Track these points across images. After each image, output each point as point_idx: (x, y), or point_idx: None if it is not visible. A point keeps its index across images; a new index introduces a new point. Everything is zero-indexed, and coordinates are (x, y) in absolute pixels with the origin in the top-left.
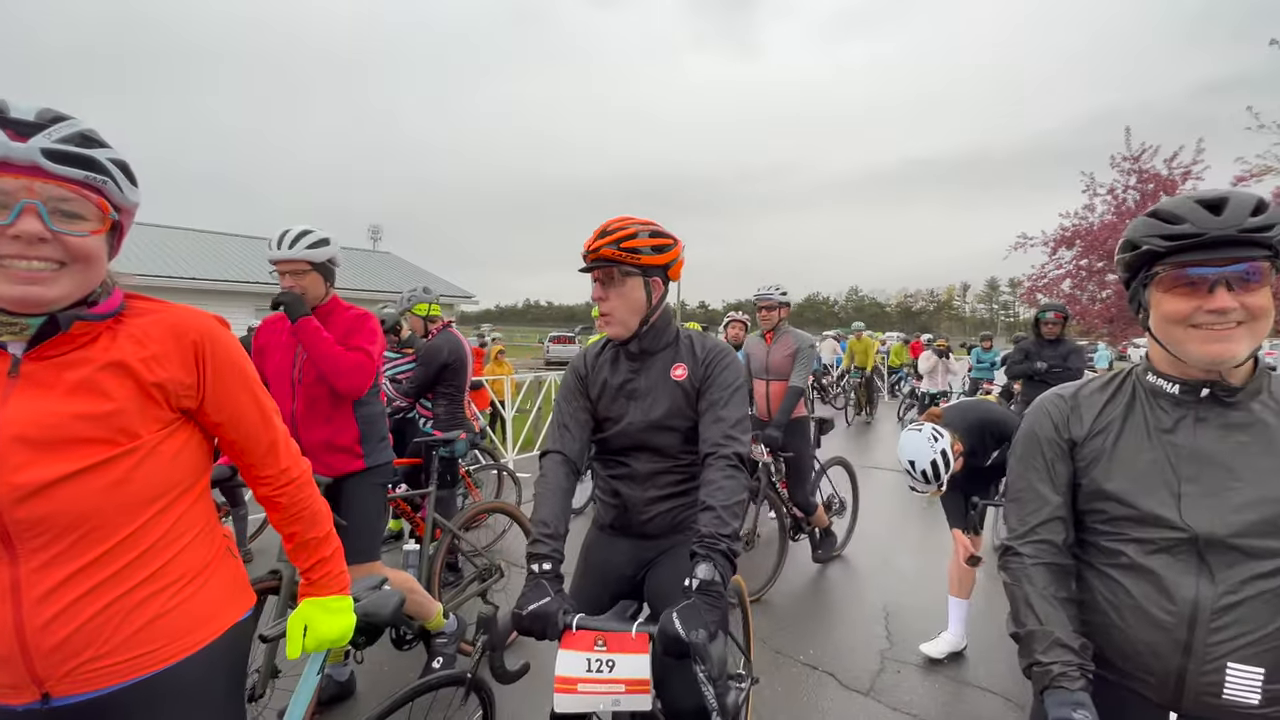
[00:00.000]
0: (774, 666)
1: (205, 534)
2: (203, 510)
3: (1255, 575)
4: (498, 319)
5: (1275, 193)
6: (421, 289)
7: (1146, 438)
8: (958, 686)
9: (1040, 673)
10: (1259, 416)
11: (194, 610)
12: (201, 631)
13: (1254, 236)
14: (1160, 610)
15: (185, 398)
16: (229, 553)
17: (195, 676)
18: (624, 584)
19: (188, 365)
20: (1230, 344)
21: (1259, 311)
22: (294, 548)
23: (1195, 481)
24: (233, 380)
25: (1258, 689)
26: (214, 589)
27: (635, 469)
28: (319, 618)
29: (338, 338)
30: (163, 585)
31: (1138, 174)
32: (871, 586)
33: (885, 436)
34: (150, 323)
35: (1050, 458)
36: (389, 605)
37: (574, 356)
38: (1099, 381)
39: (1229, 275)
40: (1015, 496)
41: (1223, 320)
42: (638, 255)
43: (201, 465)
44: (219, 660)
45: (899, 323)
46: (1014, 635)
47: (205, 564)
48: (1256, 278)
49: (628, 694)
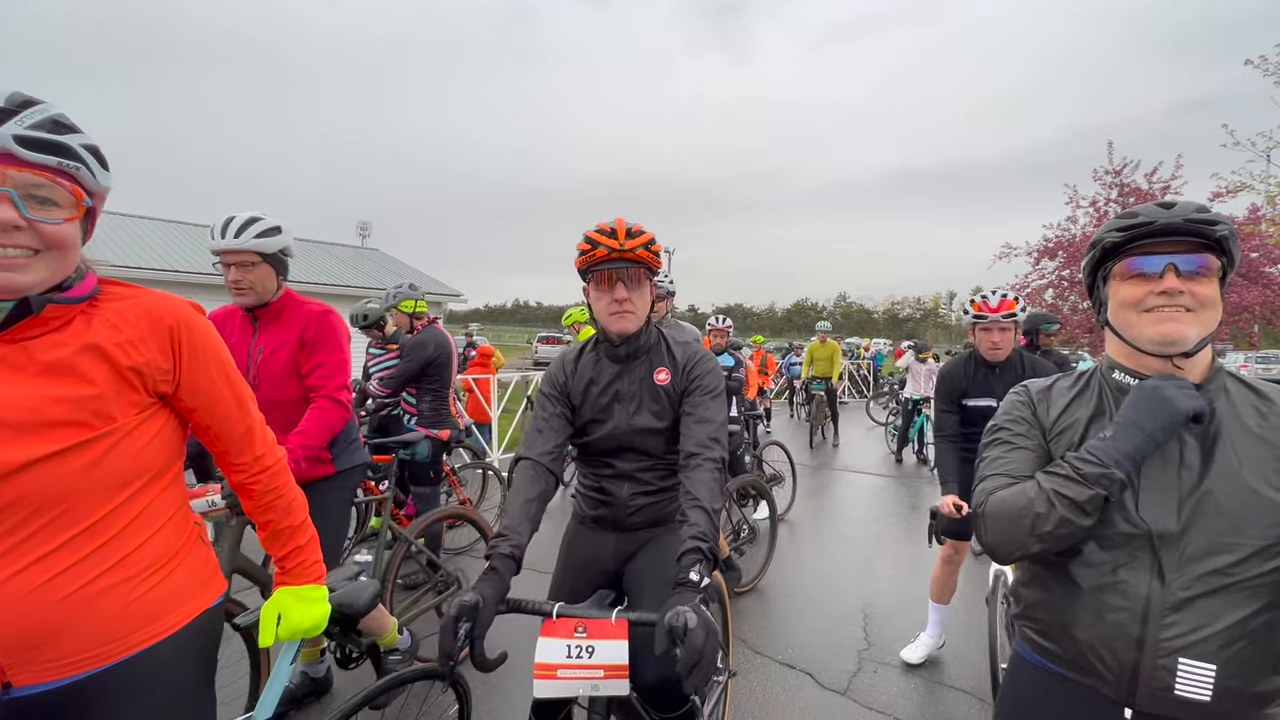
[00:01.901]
0: (753, 666)
1: (176, 520)
2: (174, 496)
3: (1207, 572)
4: (486, 318)
5: (1251, 209)
6: (407, 286)
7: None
8: (933, 687)
9: (1104, 458)
10: (1216, 416)
11: (162, 597)
12: (170, 618)
13: (1198, 227)
14: (1115, 607)
15: (162, 382)
16: (200, 540)
17: (162, 663)
18: (605, 576)
19: (164, 350)
20: (1179, 325)
21: (1206, 301)
22: (268, 536)
23: (1151, 478)
24: (208, 366)
25: (1209, 685)
26: (183, 576)
27: (620, 468)
28: (293, 606)
29: (294, 336)
30: (132, 572)
31: (1119, 187)
32: (850, 589)
33: (869, 441)
34: (127, 308)
35: (1028, 423)
36: (364, 596)
37: (553, 361)
38: (1068, 380)
39: (1177, 261)
40: (991, 439)
41: (1172, 302)
42: (657, 259)
43: (174, 451)
44: (187, 646)
45: (886, 329)
46: (1069, 514)
47: (175, 551)
48: (1204, 269)
49: (606, 679)
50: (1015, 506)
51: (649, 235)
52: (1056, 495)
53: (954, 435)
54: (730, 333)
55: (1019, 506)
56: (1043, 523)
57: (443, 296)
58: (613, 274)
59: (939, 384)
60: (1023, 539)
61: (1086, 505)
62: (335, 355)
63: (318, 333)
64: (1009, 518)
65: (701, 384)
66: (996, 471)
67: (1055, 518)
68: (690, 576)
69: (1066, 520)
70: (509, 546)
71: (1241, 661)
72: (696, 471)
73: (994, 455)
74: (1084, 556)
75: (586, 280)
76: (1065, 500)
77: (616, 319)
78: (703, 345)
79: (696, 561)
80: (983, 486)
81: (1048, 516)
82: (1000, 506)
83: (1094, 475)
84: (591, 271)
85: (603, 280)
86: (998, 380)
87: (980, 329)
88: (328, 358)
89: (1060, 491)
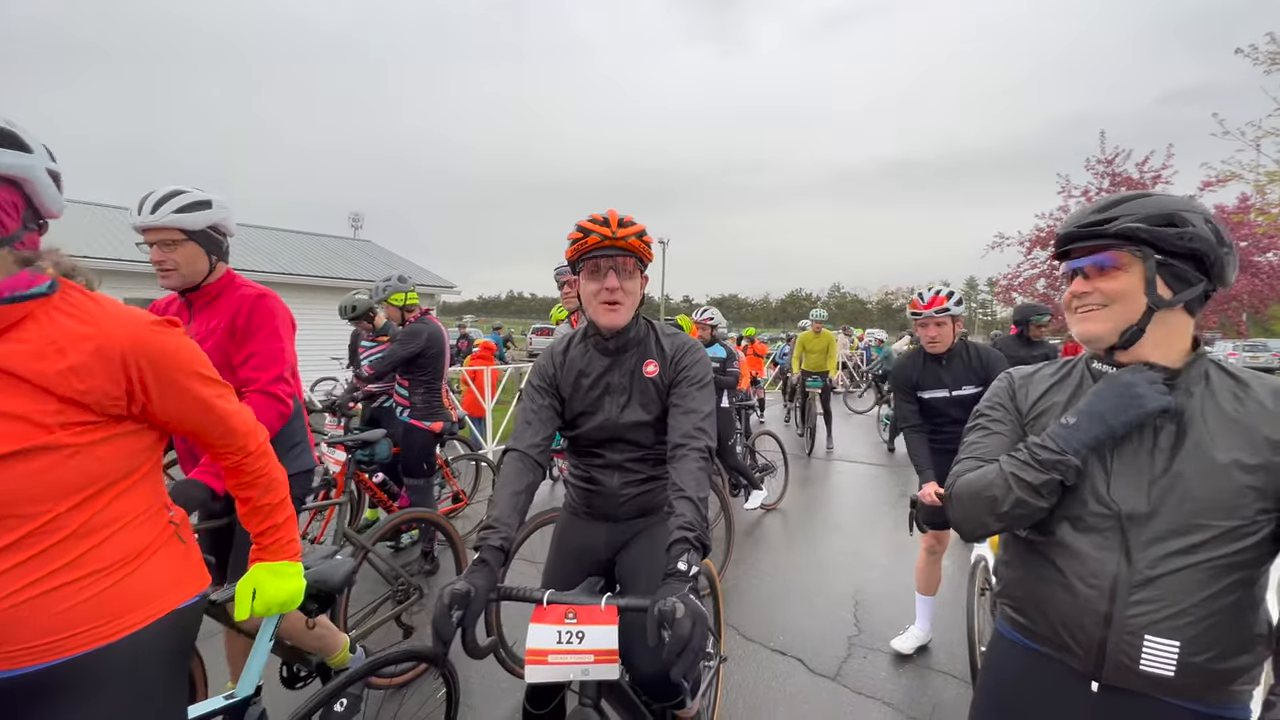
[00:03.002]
0: (745, 653)
1: (144, 520)
2: (143, 496)
3: (1173, 552)
4: (480, 310)
5: (1240, 198)
6: (396, 278)
7: None
8: (921, 672)
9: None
10: (1190, 402)
11: (122, 596)
12: (131, 616)
13: (1092, 229)
14: (1084, 584)
15: (113, 407)
16: (175, 538)
17: (121, 660)
18: (596, 566)
19: (115, 380)
20: (1089, 324)
21: (1115, 294)
22: (247, 512)
23: (1124, 460)
24: (171, 386)
25: (1173, 661)
26: (151, 574)
27: (610, 459)
28: (268, 581)
29: (225, 323)
30: (84, 572)
31: (1111, 177)
32: (842, 576)
33: (859, 429)
34: (78, 329)
35: (1005, 408)
36: (339, 572)
37: (541, 353)
38: (1053, 366)
39: (1082, 263)
40: (972, 424)
41: (1084, 303)
42: (649, 250)
43: (139, 458)
44: (155, 643)
45: (880, 320)
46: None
47: (141, 549)
48: (1109, 264)
49: (596, 664)
50: (977, 487)
51: (640, 226)
52: (1014, 478)
53: (919, 425)
54: (715, 328)
55: (980, 487)
56: (1000, 504)
57: (436, 288)
58: (604, 263)
59: (894, 377)
60: (983, 518)
61: (1041, 489)
62: (270, 344)
63: (249, 319)
64: (971, 498)
65: (688, 375)
66: (970, 455)
67: (1012, 499)
68: (679, 566)
69: (1022, 501)
70: (498, 538)
71: (1206, 639)
72: (682, 462)
73: (971, 440)
74: (1058, 536)
75: (577, 270)
76: (1021, 483)
77: (606, 311)
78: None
79: (685, 551)
80: (955, 469)
81: (1005, 498)
82: (965, 487)
83: (1049, 461)
84: (583, 260)
85: (594, 269)
86: (946, 371)
87: (918, 324)
88: (261, 346)
89: (1017, 475)
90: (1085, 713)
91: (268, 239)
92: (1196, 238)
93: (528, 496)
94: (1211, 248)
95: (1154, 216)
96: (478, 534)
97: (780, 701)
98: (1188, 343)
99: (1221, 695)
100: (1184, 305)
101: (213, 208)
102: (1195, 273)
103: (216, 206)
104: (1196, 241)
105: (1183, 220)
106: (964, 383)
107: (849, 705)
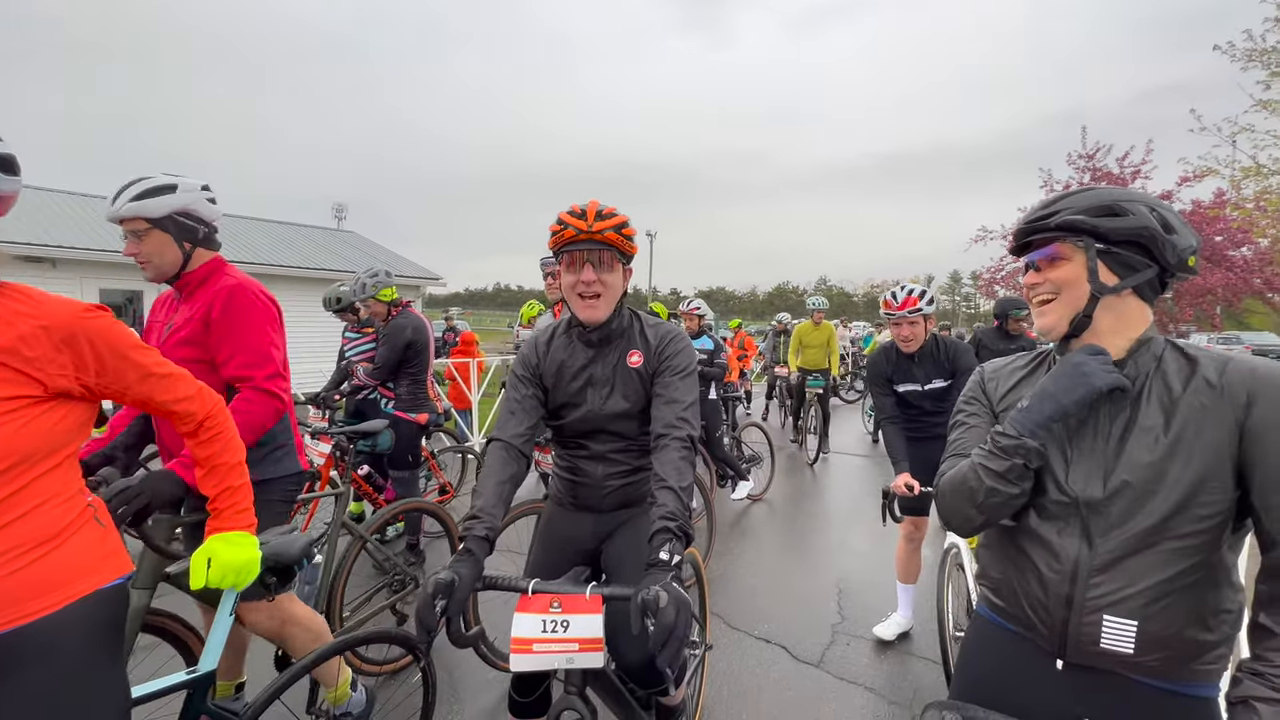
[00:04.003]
0: (730, 641)
1: (62, 501)
2: (62, 477)
3: (1129, 535)
4: (467, 302)
5: (1216, 193)
6: (383, 273)
7: None
8: (902, 657)
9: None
10: (1142, 388)
11: (42, 575)
12: (53, 596)
13: (1033, 226)
14: (1049, 569)
15: (59, 376)
16: (94, 521)
17: (45, 639)
18: (582, 556)
19: (61, 350)
20: (1044, 317)
21: (1061, 284)
22: (206, 473)
23: (1081, 449)
24: (114, 358)
25: (1131, 639)
26: (69, 556)
27: (594, 449)
28: (222, 550)
29: (200, 314)
30: (3, 549)
31: (1092, 171)
32: (826, 565)
33: (843, 420)
34: (22, 312)
35: (979, 402)
36: (296, 546)
37: (524, 343)
38: (1025, 359)
39: (1032, 258)
40: (953, 422)
41: (1037, 293)
42: (630, 244)
43: (66, 438)
44: (77, 624)
45: (866, 312)
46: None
47: (59, 530)
48: (1053, 255)
49: (581, 652)
50: (956, 482)
51: (621, 218)
52: (981, 468)
53: (895, 417)
54: (703, 319)
55: (959, 482)
56: (977, 495)
57: (421, 280)
58: (582, 255)
59: (869, 370)
60: (967, 511)
61: (1008, 474)
62: (257, 338)
63: (225, 311)
64: (953, 493)
65: (671, 364)
66: (952, 453)
67: (984, 489)
68: (661, 555)
69: (994, 490)
70: (483, 529)
71: (1163, 618)
72: (665, 452)
73: (953, 437)
74: (1027, 523)
75: (559, 261)
76: (989, 472)
77: (585, 306)
78: (679, 328)
79: (667, 541)
80: (941, 468)
81: (979, 489)
82: (948, 484)
83: (1009, 446)
84: (562, 252)
85: (572, 261)
86: (918, 366)
87: (891, 324)
88: (248, 341)
89: (984, 464)
90: (1052, 689)
91: (248, 229)
92: (1137, 225)
93: (512, 486)
94: (1154, 233)
95: (1094, 208)
96: (462, 524)
97: (765, 688)
98: (1142, 329)
99: (1183, 672)
100: (1135, 291)
101: (176, 192)
102: (1141, 259)
103: (182, 190)
104: (1137, 228)
105: (1122, 209)
106: (934, 377)
107: (832, 691)
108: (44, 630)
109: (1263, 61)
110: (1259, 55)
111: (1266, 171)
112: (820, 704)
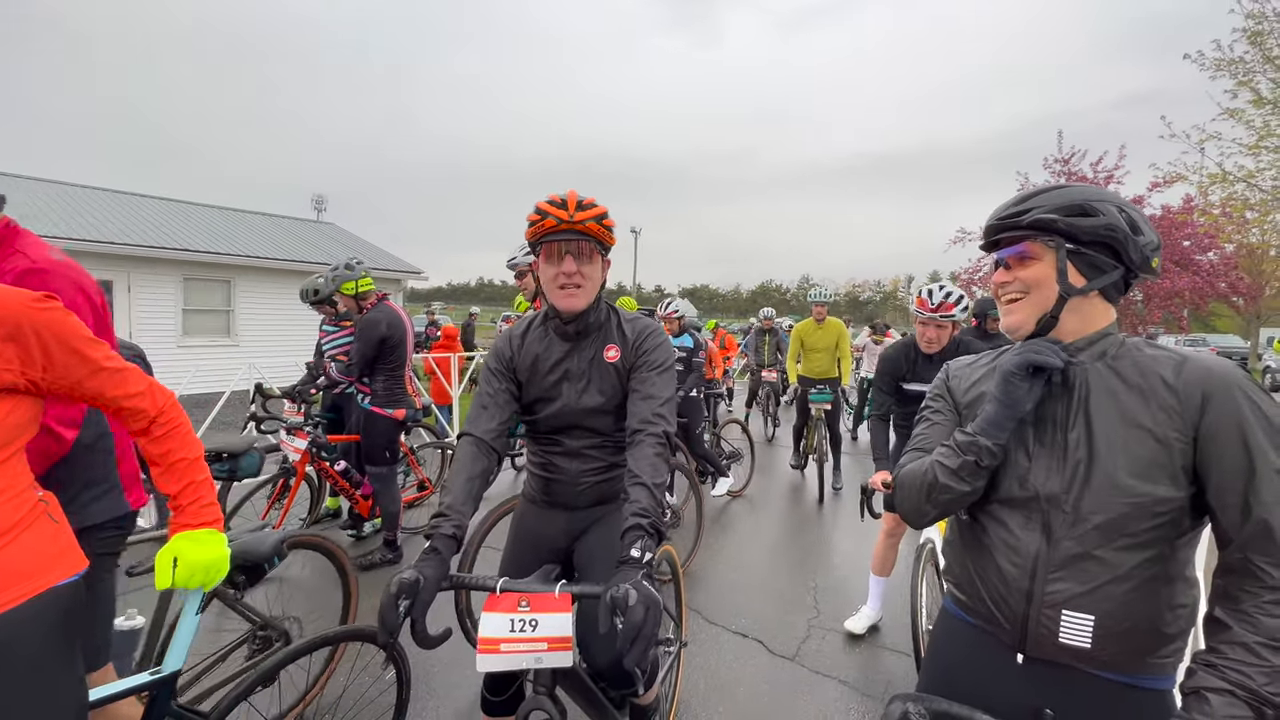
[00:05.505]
0: (707, 636)
1: (11, 497)
2: (10, 473)
3: (1088, 530)
4: (450, 297)
5: (1185, 199)
6: (344, 266)
7: None
8: (875, 650)
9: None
10: (1095, 382)
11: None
12: (5, 594)
13: (1004, 223)
14: (1010, 564)
15: (5, 371)
16: (46, 517)
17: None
18: (555, 554)
19: (6, 343)
20: (1011, 316)
21: (1030, 283)
22: (164, 470)
23: (1043, 445)
24: (63, 352)
25: (1088, 634)
26: (20, 553)
27: (568, 446)
28: (188, 549)
29: None
30: None
31: (1067, 175)
32: (804, 561)
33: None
34: None
35: (944, 399)
36: (265, 544)
37: (498, 336)
38: (989, 356)
39: (1006, 255)
40: (918, 418)
41: (1006, 292)
42: (610, 234)
43: (14, 432)
44: (31, 622)
45: (848, 311)
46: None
47: (8, 528)
48: (1023, 254)
49: (550, 651)
50: (914, 475)
51: (601, 209)
52: (938, 464)
53: (888, 415)
54: (682, 319)
55: (915, 476)
56: (932, 490)
57: (403, 274)
58: (561, 246)
59: (881, 366)
60: (921, 505)
61: (961, 472)
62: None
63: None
64: (909, 486)
65: (648, 359)
66: (913, 447)
67: (939, 485)
68: (633, 553)
69: (947, 487)
70: (451, 526)
71: (1121, 613)
72: (639, 448)
73: (916, 432)
74: (992, 518)
75: (537, 252)
76: (944, 469)
77: (564, 295)
78: (658, 323)
79: (639, 538)
80: (900, 461)
81: (934, 484)
82: (905, 477)
83: (964, 444)
84: (541, 243)
85: (551, 252)
86: (935, 368)
87: (919, 322)
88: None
89: (941, 461)
90: (1014, 683)
91: (222, 219)
92: (1107, 226)
93: (482, 483)
94: (1124, 235)
95: (1065, 207)
96: (429, 522)
97: (741, 681)
98: (1088, 325)
99: (1140, 665)
100: (1101, 292)
101: None
102: (1109, 260)
103: None
104: (1107, 229)
105: (1094, 210)
106: None
107: (806, 684)
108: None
109: (1230, 71)
110: (1226, 65)
111: (1232, 179)
112: (795, 697)
